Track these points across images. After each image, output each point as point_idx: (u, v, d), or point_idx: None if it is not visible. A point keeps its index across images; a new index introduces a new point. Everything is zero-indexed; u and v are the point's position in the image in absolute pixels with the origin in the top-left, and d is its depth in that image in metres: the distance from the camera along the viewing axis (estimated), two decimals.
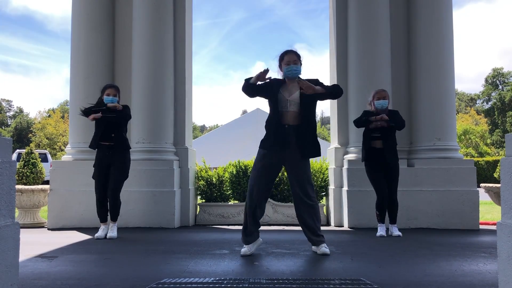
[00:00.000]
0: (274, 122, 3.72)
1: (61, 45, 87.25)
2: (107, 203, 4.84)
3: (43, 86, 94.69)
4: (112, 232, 4.80)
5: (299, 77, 3.73)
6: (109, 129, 4.79)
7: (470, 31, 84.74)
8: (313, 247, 3.83)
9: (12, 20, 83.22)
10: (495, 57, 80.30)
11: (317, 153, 3.77)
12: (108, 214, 4.88)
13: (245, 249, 3.72)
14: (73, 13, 6.17)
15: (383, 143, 4.85)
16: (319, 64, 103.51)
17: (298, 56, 3.81)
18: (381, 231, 4.92)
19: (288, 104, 3.72)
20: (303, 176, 3.72)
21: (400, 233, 4.87)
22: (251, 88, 3.76)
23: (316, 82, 3.78)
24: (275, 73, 3.89)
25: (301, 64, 3.82)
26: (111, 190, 4.78)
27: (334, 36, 6.44)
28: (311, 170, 6.42)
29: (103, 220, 4.86)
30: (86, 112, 4.83)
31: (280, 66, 3.85)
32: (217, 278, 2.85)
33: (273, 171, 3.80)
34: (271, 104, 3.80)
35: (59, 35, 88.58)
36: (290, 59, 3.76)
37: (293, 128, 3.69)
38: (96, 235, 4.78)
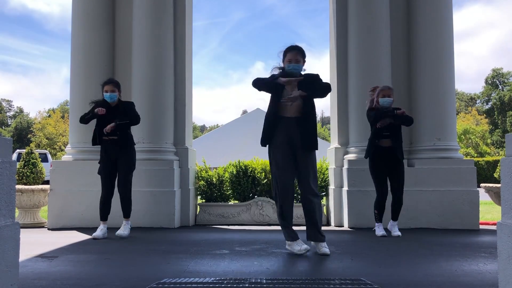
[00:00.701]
0: (278, 115, 3.79)
1: (60, 45, 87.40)
2: (110, 200, 4.75)
3: (43, 86, 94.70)
4: (124, 231, 4.69)
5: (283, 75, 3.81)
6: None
7: (469, 31, 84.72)
8: (312, 243, 3.85)
9: (11, 19, 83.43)
10: (495, 57, 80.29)
11: (316, 146, 3.81)
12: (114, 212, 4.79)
13: (298, 247, 3.73)
14: (73, 13, 6.17)
15: (392, 142, 4.86)
16: (319, 64, 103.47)
17: (302, 54, 3.83)
18: (380, 230, 4.91)
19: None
20: (310, 169, 3.77)
21: (399, 233, 4.86)
22: (266, 85, 3.83)
23: (315, 77, 3.85)
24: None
25: (304, 62, 3.85)
26: (121, 182, 4.68)
27: (334, 36, 6.44)
28: None
29: (104, 218, 4.76)
30: (86, 119, 4.71)
31: (283, 61, 3.88)
32: (217, 278, 2.85)
33: (292, 159, 3.82)
34: (274, 99, 3.83)
35: (58, 35, 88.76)
36: (292, 57, 3.80)
37: (296, 119, 3.76)
38: (94, 234, 4.70)
